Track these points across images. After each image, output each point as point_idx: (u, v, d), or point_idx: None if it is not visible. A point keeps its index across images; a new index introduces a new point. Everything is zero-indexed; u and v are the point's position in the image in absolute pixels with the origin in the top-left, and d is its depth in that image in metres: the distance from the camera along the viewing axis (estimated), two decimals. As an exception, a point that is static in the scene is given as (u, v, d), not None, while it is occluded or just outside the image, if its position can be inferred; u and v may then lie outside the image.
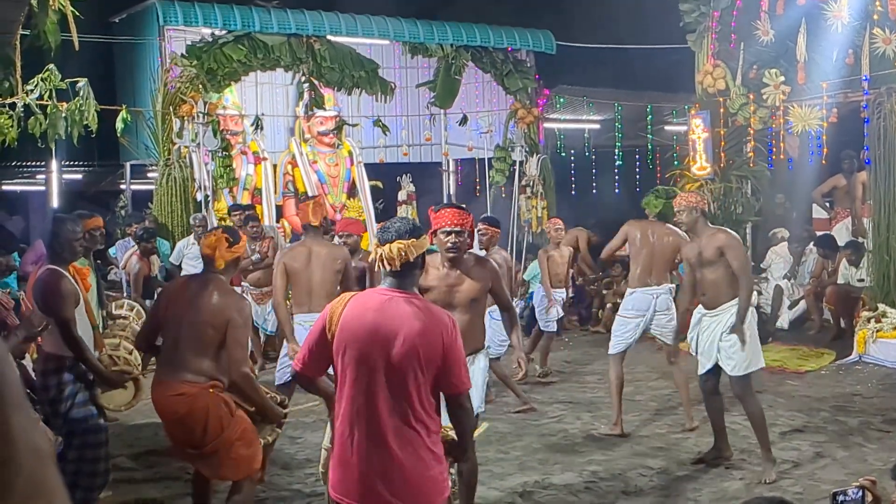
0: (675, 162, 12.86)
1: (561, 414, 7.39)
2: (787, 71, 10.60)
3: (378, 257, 3.05)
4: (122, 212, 12.49)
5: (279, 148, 12.43)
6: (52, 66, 5.76)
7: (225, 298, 4.14)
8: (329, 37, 11.99)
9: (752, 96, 10.94)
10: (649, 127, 14.20)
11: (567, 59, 13.62)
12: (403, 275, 3.07)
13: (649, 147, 14.67)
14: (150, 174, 13.01)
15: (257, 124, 11.72)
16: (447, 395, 3.04)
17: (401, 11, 12.66)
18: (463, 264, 4.38)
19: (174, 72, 10.71)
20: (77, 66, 7.54)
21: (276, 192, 11.99)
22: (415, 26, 12.57)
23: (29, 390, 5.46)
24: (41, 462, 0.79)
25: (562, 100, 13.99)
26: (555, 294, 8.65)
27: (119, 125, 8.96)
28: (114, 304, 7.59)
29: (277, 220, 11.76)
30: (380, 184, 13.10)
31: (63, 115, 5.74)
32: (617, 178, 14.19)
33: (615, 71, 14.12)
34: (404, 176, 13.29)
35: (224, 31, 11.26)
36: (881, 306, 9.26)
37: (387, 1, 12.64)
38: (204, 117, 10.70)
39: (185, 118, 10.52)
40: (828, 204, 11.83)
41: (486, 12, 13.46)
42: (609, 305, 11.72)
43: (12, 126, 5.82)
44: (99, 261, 9.12)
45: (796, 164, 11.32)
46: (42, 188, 16.38)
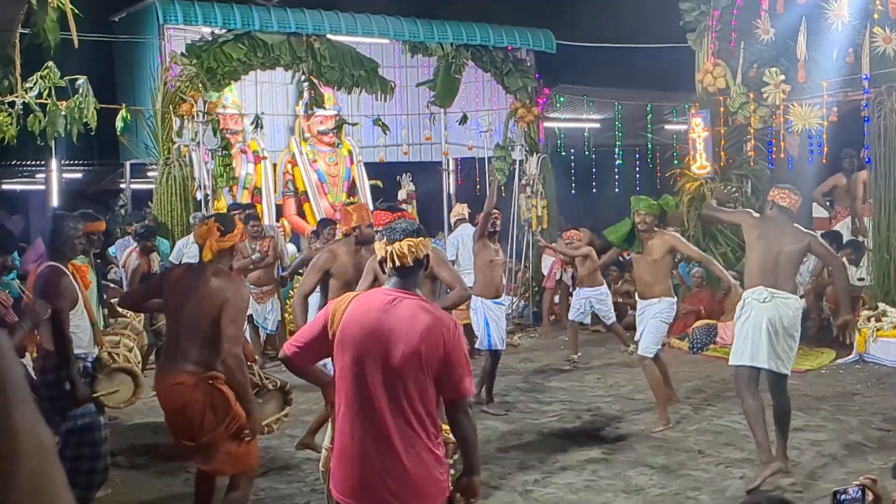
0: (675, 161, 12.85)
1: (561, 413, 7.39)
2: (787, 70, 10.59)
3: (388, 255, 3.04)
4: (122, 211, 12.48)
5: (279, 147, 12.42)
6: (51, 63, 5.75)
7: (222, 282, 4.15)
8: (329, 36, 11.98)
9: (752, 95, 10.93)
10: (649, 126, 14.19)
11: (567, 58, 13.61)
12: (408, 274, 3.06)
13: (649, 146, 14.67)
14: (149, 173, 13.01)
15: (257, 123, 11.71)
16: (447, 400, 3.02)
17: (401, 10, 12.64)
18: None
19: (174, 70, 10.69)
20: (77, 64, 7.53)
21: (275, 191, 11.98)
22: (415, 25, 12.56)
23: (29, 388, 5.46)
24: (44, 457, 0.78)
25: (562, 99, 13.98)
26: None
27: (119, 124, 8.95)
28: (113, 294, 7.58)
29: (277, 220, 11.75)
30: (380, 183, 13.10)
31: (63, 112, 5.73)
32: (617, 177, 14.19)
33: (615, 70, 14.11)
34: (404, 175, 13.29)
35: (224, 30, 11.25)
36: (881, 305, 9.26)
37: (387, 0, 12.64)
38: (204, 116, 10.69)
39: (185, 117, 10.51)
40: (828, 203, 11.82)
41: (487, 11, 13.45)
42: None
43: (11, 124, 5.82)
44: (99, 260, 9.11)
45: (796, 163, 11.30)
46: (42, 187, 16.38)
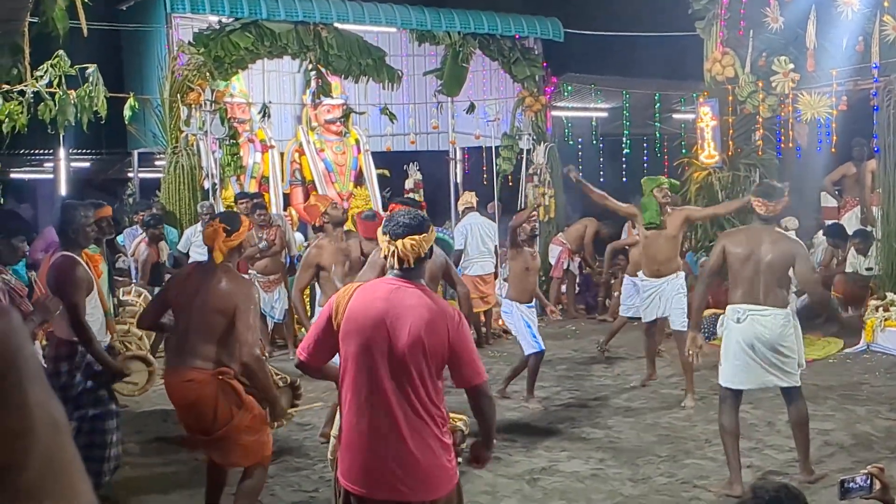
0: (683, 150, 12.83)
1: (568, 401, 7.40)
2: (796, 58, 10.54)
3: (391, 253, 3.03)
4: (130, 200, 12.52)
5: (286, 136, 12.42)
6: (61, 52, 5.75)
7: (231, 284, 4.15)
8: (336, 24, 11.95)
9: (760, 84, 10.89)
10: (657, 115, 14.14)
11: (575, 46, 13.56)
12: (412, 266, 3.07)
13: (657, 135, 14.62)
14: (157, 162, 13.03)
15: (264, 112, 11.71)
16: (467, 389, 3.04)
17: (408, -1, 12.63)
18: None
19: (181, 59, 10.69)
20: (84, 53, 7.53)
21: (283, 180, 11.99)
22: (422, 14, 12.52)
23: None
24: (58, 434, 0.80)
25: (569, 88, 13.93)
26: None
27: (127, 113, 8.95)
28: (122, 290, 7.62)
29: (285, 209, 11.76)
30: (387, 172, 13.08)
31: (73, 101, 5.74)
32: (624, 166, 14.14)
33: (623, 59, 14.05)
34: (411, 164, 13.27)
35: (231, 19, 11.23)
36: (889, 295, 9.25)
37: (394, -12, 12.61)
38: (211, 105, 10.69)
39: (193, 106, 10.51)
40: (837, 192, 11.78)
41: (494, 0, 13.41)
42: (616, 294, 11.73)
43: (22, 112, 5.83)
44: (108, 249, 9.15)
45: (805, 153, 11.27)
46: (50, 176, 16.42)
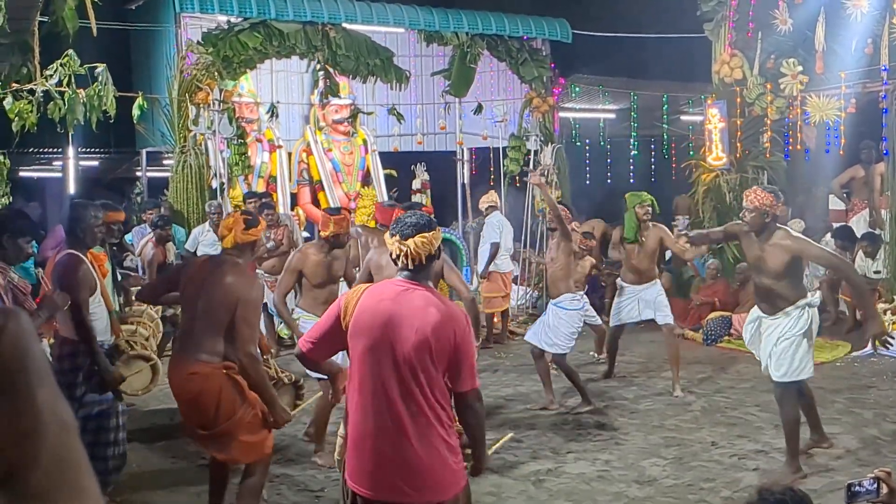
0: (691, 152, 12.80)
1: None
2: (805, 60, 10.52)
3: (402, 253, 3.04)
4: (138, 199, 12.55)
5: (294, 136, 12.44)
6: (71, 51, 5.78)
7: (236, 279, 4.16)
8: (344, 24, 11.98)
9: (769, 86, 10.86)
10: (665, 117, 14.13)
11: (583, 47, 13.56)
12: (420, 268, 3.08)
13: (665, 137, 14.60)
14: (165, 161, 13.06)
15: (272, 112, 11.74)
16: (455, 393, 3.04)
17: (416, -1, 12.66)
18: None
19: (190, 59, 10.73)
20: (93, 53, 7.56)
21: (290, 179, 12.01)
22: (430, 14, 12.53)
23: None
24: (66, 434, 0.81)
25: (577, 89, 13.93)
26: None
27: (135, 112, 8.98)
28: (131, 282, 7.63)
29: (292, 208, 11.78)
30: (394, 172, 13.09)
31: (82, 100, 5.77)
32: (632, 167, 14.14)
33: (631, 60, 14.04)
34: (419, 164, 13.27)
35: (240, 19, 11.27)
36: (897, 298, 9.21)
37: (402, -11, 12.63)
38: (219, 105, 10.72)
39: (201, 105, 10.54)
40: (845, 195, 11.74)
41: (502, 0, 13.41)
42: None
43: (32, 111, 5.85)
44: (115, 248, 9.17)
45: (813, 155, 11.25)
46: (59, 175, 16.47)
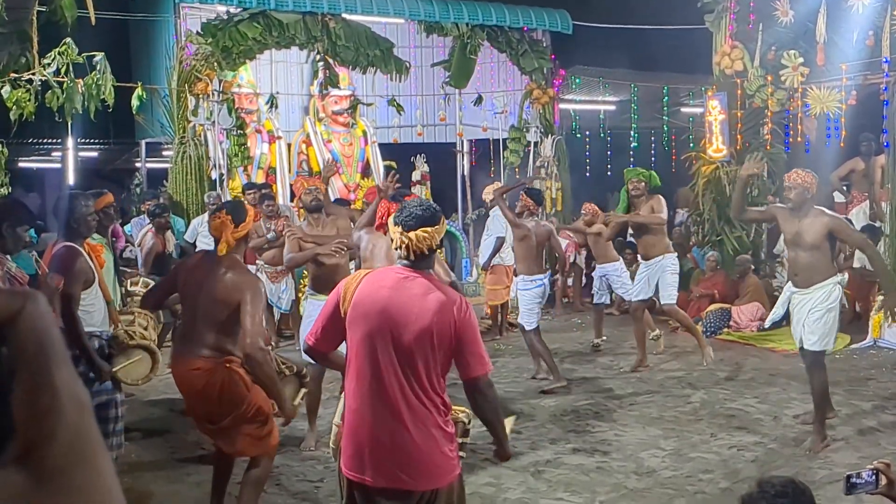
0: (691, 144, 12.79)
1: (574, 394, 7.40)
2: (806, 52, 10.49)
3: (404, 245, 3.02)
4: (138, 189, 12.54)
5: (294, 127, 12.42)
6: (69, 40, 5.76)
7: (236, 276, 4.14)
8: (344, 15, 11.94)
9: (769, 78, 10.83)
10: (665, 108, 14.11)
11: (583, 39, 13.52)
12: (422, 258, 3.07)
13: (665, 129, 14.58)
14: (165, 152, 13.05)
15: (272, 103, 11.71)
16: (464, 380, 3.00)
17: (416, -10, 12.60)
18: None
19: (189, 49, 10.70)
20: (93, 43, 7.54)
21: (290, 171, 11.99)
22: (430, 5, 12.50)
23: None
24: (83, 412, 0.84)
25: (577, 80, 13.90)
26: None
27: (135, 102, 8.97)
28: (129, 280, 7.62)
29: (292, 199, 11.77)
30: (394, 164, 13.07)
31: (80, 89, 5.75)
32: (632, 159, 14.10)
33: (631, 51, 14.00)
34: (418, 156, 13.27)
35: (239, 9, 11.24)
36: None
37: (402, -21, 12.57)
38: (219, 95, 10.70)
39: (200, 96, 10.52)
40: (845, 187, 11.73)
41: (502, -9, 13.37)
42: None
43: (30, 100, 5.84)
44: (114, 238, 9.17)
45: (814, 147, 11.21)
46: (58, 165, 16.46)
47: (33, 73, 5.89)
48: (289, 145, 12.09)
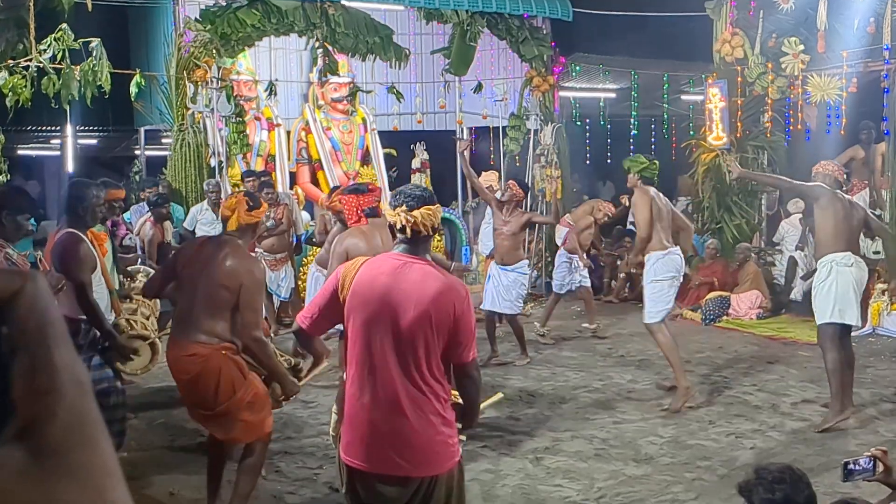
0: (691, 132, 12.76)
1: (573, 381, 7.42)
2: (806, 39, 10.45)
3: (408, 224, 3.02)
4: (137, 177, 12.51)
5: (293, 114, 12.38)
6: (64, 25, 5.74)
7: (239, 261, 4.14)
8: (343, 2, 11.87)
9: (770, 65, 10.80)
10: (665, 96, 14.05)
11: (584, 26, 13.46)
12: (420, 241, 3.06)
13: (665, 116, 14.54)
14: (164, 140, 13.02)
15: (271, 90, 11.67)
16: (455, 365, 3.04)
17: (416, -23, 12.53)
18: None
19: (188, 36, 10.65)
20: (91, 29, 7.52)
21: (289, 158, 11.96)
22: (430, -8, 12.43)
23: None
24: (82, 393, 0.85)
25: (578, 68, 13.85)
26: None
27: (133, 89, 8.95)
28: (129, 270, 7.63)
29: (291, 187, 11.76)
30: (394, 151, 13.05)
31: (76, 76, 5.73)
32: (632, 147, 14.07)
33: (632, 39, 13.95)
34: (418, 144, 13.23)
35: (238, -4, 11.18)
36: (896, 279, 9.22)
37: (402, -34, 12.50)
38: (218, 82, 10.65)
39: (199, 83, 10.48)
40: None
41: (503, -22, 13.30)
42: (622, 276, 11.72)
43: (26, 86, 5.82)
44: (114, 227, 9.16)
45: (814, 135, 11.19)
46: (57, 153, 16.42)
47: (29, 60, 5.87)
48: (288, 133, 12.06)
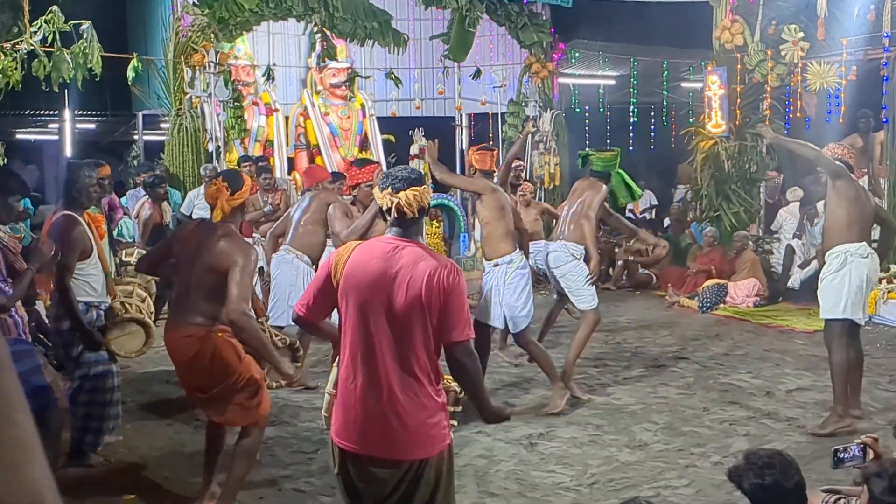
0: (691, 119, 12.73)
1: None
2: (806, 27, 10.42)
3: (395, 205, 3.02)
4: (135, 162, 12.50)
5: (291, 100, 12.36)
6: (55, 7, 5.71)
7: (229, 242, 4.13)
8: (342, -13, 11.85)
9: (770, 53, 10.77)
10: (665, 83, 14.02)
11: (583, 12, 13.41)
12: (410, 223, 3.06)
13: (665, 104, 14.50)
14: (162, 124, 12.99)
15: (269, 75, 11.64)
16: (447, 345, 2.98)
17: (415, -38, 12.48)
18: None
19: (186, 20, 10.61)
20: (88, 13, 7.48)
21: (287, 144, 11.94)
22: (429, -23, 12.39)
23: (42, 335, 5.55)
24: (2, 370, 0.81)
25: (577, 54, 13.81)
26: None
27: (130, 74, 8.92)
28: (124, 251, 7.64)
29: (289, 172, 11.75)
30: (392, 137, 13.03)
31: (67, 58, 5.70)
32: (632, 135, 14.04)
33: (632, 25, 13.88)
34: (417, 130, 13.21)
35: (236, -20, 11.14)
36: (893, 267, 9.21)
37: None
38: (215, 67, 10.63)
39: (197, 68, 10.46)
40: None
41: (502, -36, 13.24)
42: (619, 263, 11.72)
43: (16, 69, 5.79)
44: (112, 210, 9.16)
45: (813, 123, 11.17)
46: (55, 137, 16.39)
47: (20, 42, 5.84)
48: (286, 118, 12.03)
